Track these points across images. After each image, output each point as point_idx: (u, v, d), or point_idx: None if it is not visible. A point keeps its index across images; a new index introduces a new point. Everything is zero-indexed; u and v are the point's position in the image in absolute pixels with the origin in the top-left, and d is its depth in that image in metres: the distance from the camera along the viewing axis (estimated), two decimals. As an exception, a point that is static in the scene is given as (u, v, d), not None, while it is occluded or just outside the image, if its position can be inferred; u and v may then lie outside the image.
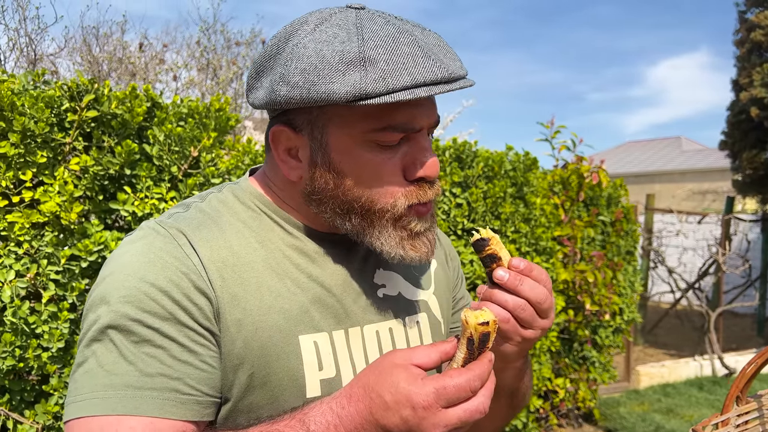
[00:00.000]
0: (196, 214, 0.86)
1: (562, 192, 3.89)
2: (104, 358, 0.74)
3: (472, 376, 0.71)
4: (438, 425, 0.69)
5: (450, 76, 0.78)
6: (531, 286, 0.80)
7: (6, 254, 1.98)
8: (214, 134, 2.37)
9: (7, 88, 1.99)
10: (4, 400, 2.02)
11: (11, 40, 6.49)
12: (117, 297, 0.75)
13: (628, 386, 5.62)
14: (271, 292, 0.83)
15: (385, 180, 0.82)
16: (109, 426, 0.71)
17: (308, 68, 0.78)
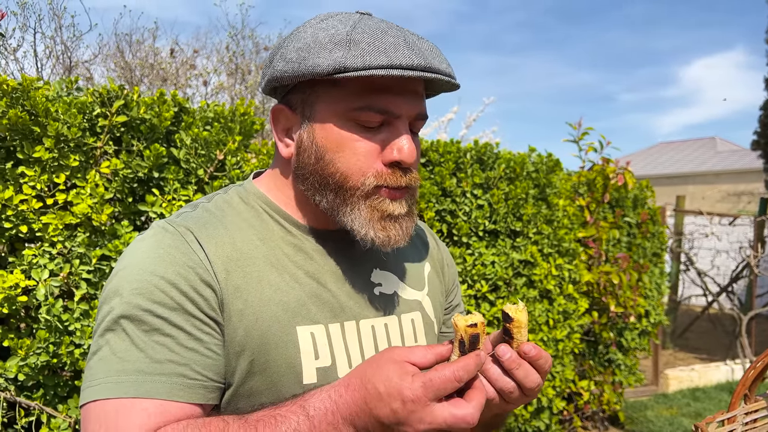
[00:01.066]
0: (203, 213, 0.93)
1: (587, 193, 3.88)
2: (117, 346, 0.80)
3: (457, 367, 0.74)
4: (424, 420, 0.72)
5: (427, 66, 0.84)
6: (526, 372, 0.82)
7: (41, 254, 2.07)
8: (239, 138, 2.43)
9: (42, 95, 2.08)
10: (39, 395, 2.11)
11: (48, 48, 6.70)
12: (129, 289, 0.81)
13: (657, 390, 5.55)
14: (270, 286, 0.89)
15: (360, 158, 0.88)
16: (123, 408, 0.76)
17: (303, 47, 0.87)
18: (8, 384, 2.04)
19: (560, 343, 3.29)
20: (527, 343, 0.82)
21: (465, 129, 9.16)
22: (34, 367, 2.03)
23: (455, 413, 0.73)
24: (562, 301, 3.31)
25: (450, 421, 0.72)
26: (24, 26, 6.63)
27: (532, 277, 3.20)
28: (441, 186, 2.96)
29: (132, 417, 0.76)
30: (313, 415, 0.75)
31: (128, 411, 0.76)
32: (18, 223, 2.03)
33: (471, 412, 0.73)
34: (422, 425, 0.72)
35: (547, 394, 3.22)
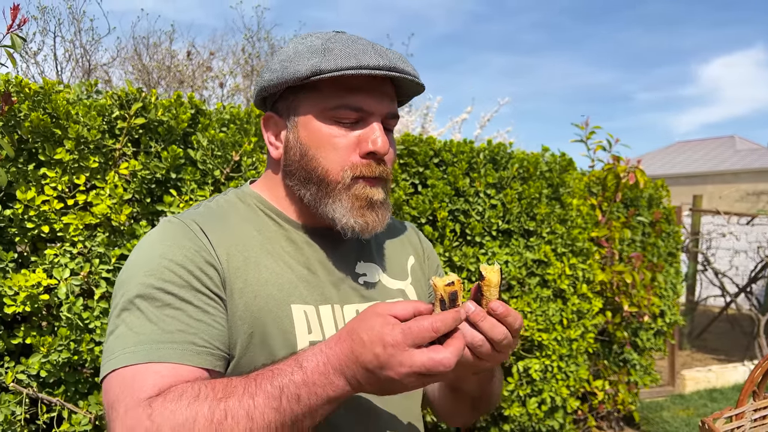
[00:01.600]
0: (206, 210, 1.05)
1: (599, 193, 3.87)
2: (132, 322, 0.89)
3: (435, 319, 0.80)
4: (404, 364, 0.78)
5: (392, 67, 0.97)
6: (492, 325, 0.86)
7: (62, 254, 2.12)
8: (254, 139, 2.47)
9: (63, 98, 2.13)
10: (60, 391, 2.16)
11: (67, 51, 6.81)
12: (142, 272, 0.92)
13: (673, 391, 5.51)
14: (267, 269, 1.00)
15: (339, 152, 1.00)
16: (139, 372, 0.85)
17: (285, 59, 1.01)
18: (31, 380, 2.10)
19: (574, 342, 3.29)
20: (495, 301, 0.87)
21: (479, 129, 9.15)
22: (55, 364, 2.08)
23: (433, 357, 0.78)
24: (575, 300, 3.31)
25: (428, 364, 0.77)
26: (44, 30, 6.75)
27: (546, 277, 3.21)
28: (454, 186, 2.97)
29: (147, 378, 0.84)
30: (306, 367, 0.82)
31: (144, 374, 0.84)
32: (40, 224, 2.08)
33: (448, 356, 0.78)
34: (402, 368, 0.78)
35: (561, 393, 3.23)
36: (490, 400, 1.13)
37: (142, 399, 0.81)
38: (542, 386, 3.19)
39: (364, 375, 0.80)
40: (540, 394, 3.19)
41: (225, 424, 0.77)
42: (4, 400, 2.04)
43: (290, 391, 0.80)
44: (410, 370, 0.78)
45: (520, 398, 3.16)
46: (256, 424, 0.78)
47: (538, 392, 3.19)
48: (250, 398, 0.79)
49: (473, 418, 1.19)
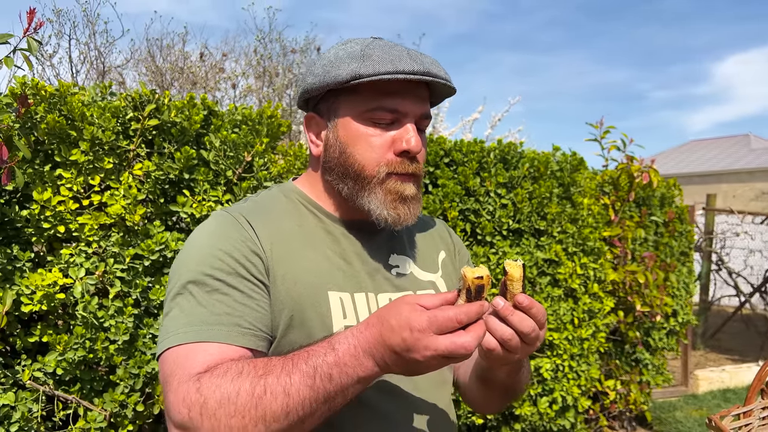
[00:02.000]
0: (252, 204, 1.14)
1: (612, 192, 3.86)
2: (185, 305, 0.99)
3: (460, 311, 0.85)
4: (428, 347, 0.84)
5: (425, 71, 1.05)
6: (520, 318, 0.91)
7: (77, 253, 2.15)
8: (266, 140, 2.49)
9: (78, 100, 2.16)
10: (76, 389, 2.19)
11: (82, 54, 6.88)
12: (194, 261, 1.01)
13: (686, 391, 5.48)
14: (306, 259, 1.08)
15: (374, 150, 1.08)
16: (191, 351, 0.94)
17: (327, 63, 1.10)
18: (47, 378, 2.13)
19: (585, 342, 3.29)
20: (520, 294, 0.91)
21: (490, 129, 9.14)
22: (71, 361, 2.11)
23: (455, 341, 0.84)
24: (587, 300, 3.31)
25: (451, 347, 0.83)
26: (59, 33, 6.82)
27: (557, 276, 3.21)
28: (464, 185, 2.98)
29: (197, 356, 0.93)
30: (338, 349, 0.89)
31: (195, 352, 0.94)
32: (56, 224, 2.12)
33: (469, 341, 0.84)
34: (427, 351, 0.84)
35: (572, 392, 3.22)
36: (518, 388, 1.18)
37: (192, 374, 0.90)
38: (553, 385, 3.19)
39: (392, 357, 0.87)
40: (551, 394, 3.19)
41: (264, 399, 0.86)
42: (21, 397, 2.08)
43: (323, 370, 0.87)
44: (435, 353, 0.84)
45: (531, 397, 3.17)
46: (292, 400, 0.86)
47: (549, 391, 3.19)
48: (287, 376, 0.87)
49: (502, 407, 1.25)
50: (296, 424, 0.88)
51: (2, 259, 2.00)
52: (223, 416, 0.86)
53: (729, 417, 1.08)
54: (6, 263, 2.01)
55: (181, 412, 0.88)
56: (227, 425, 0.86)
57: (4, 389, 2.07)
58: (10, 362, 2.13)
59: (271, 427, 0.86)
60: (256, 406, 0.86)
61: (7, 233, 2.10)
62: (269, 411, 0.86)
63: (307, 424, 0.89)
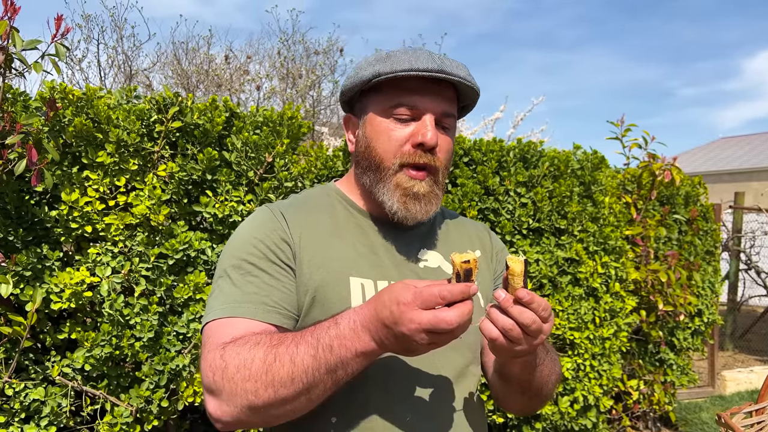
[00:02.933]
0: (292, 200, 1.26)
1: (635, 191, 3.83)
2: (223, 286, 1.12)
3: (443, 288, 0.91)
4: (413, 320, 0.90)
5: (440, 69, 1.10)
6: (520, 310, 0.94)
7: (104, 252, 2.21)
8: (287, 141, 2.53)
9: (104, 103, 2.22)
10: (103, 385, 2.25)
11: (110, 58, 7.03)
12: (235, 247, 1.14)
13: (713, 392, 5.41)
14: (332, 248, 1.17)
15: (392, 143, 1.15)
16: (222, 324, 1.07)
17: (359, 67, 1.20)
18: (75, 374, 2.19)
19: (607, 341, 3.27)
20: (521, 290, 0.95)
21: (512, 128, 9.10)
22: (98, 358, 2.17)
23: (437, 314, 0.89)
24: (608, 299, 3.29)
25: (433, 320, 0.89)
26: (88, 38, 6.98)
27: (578, 275, 3.20)
28: (484, 185, 2.99)
29: (226, 329, 1.05)
30: (340, 323, 0.97)
31: (224, 326, 1.06)
32: (83, 224, 2.18)
33: (450, 315, 0.89)
34: (412, 324, 0.90)
35: (594, 392, 3.21)
36: (541, 388, 1.19)
37: (219, 344, 1.03)
38: (574, 385, 3.18)
39: (383, 330, 0.93)
40: (572, 393, 3.18)
41: (274, 366, 0.96)
42: (51, 392, 2.15)
43: (325, 342, 0.96)
44: (419, 326, 0.89)
45: (552, 397, 3.16)
46: (297, 368, 0.95)
47: (571, 391, 3.18)
48: (295, 346, 0.97)
49: (528, 406, 1.26)
50: (302, 392, 0.97)
51: (32, 258, 2.07)
52: (240, 380, 0.97)
53: (740, 414, 1.08)
54: (36, 262, 2.08)
55: (208, 376, 1.01)
56: (243, 388, 0.97)
57: (34, 384, 2.14)
58: (40, 358, 2.20)
59: (279, 391, 0.96)
60: (266, 372, 0.96)
61: (37, 233, 2.17)
62: (277, 377, 0.96)
63: (314, 395, 0.98)
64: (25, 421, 2.14)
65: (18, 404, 2.09)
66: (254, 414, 0.99)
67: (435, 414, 1.14)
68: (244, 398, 0.97)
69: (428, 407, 1.13)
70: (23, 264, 2.05)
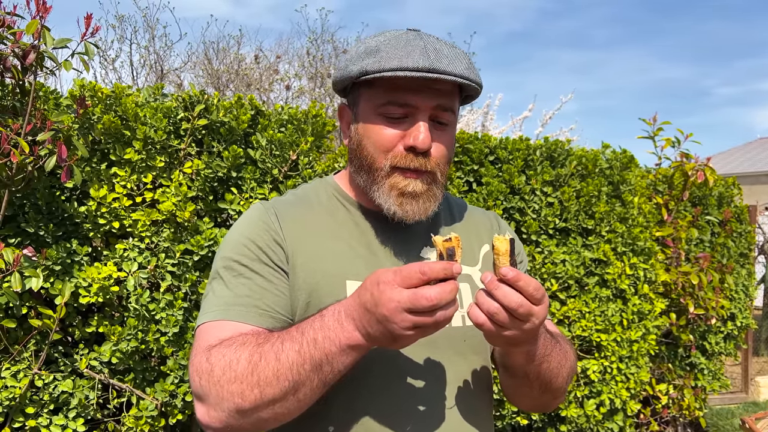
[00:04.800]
0: (290, 197, 1.23)
1: (666, 191, 3.76)
2: (217, 288, 1.09)
3: (424, 264, 0.88)
4: (392, 299, 0.86)
5: (431, 67, 1.02)
6: (504, 293, 0.90)
7: (131, 248, 2.25)
8: (311, 139, 2.54)
9: (132, 101, 2.26)
10: (129, 378, 2.29)
11: (142, 58, 7.15)
12: (228, 248, 1.11)
13: (746, 398, 5.28)
14: (329, 250, 1.13)
15: (385, 144, 1.09)
16: (212, 327, 1.04)
17: (348, 58, 1.13)
18: (102, 367, 2.24)
19: (635, 344, 3.21)
20: (504, 267, 0.91)
21: (541, 127, 9.01)
22: (125, 352, 2.21)
23: (417, 291, 0.86)
24: (636, 301, 3.23)
25: (412, 298, 0.85)
26: (121, 38, 7.11)
27: (605, 276, 3.15)
28: (509, 184, 2.96)
29: (215, 332, 1.02)
30: (324, 315, 0.95)
31: (213, 329, 1.03)
32: (111, 219, 2.22)
33: (431, 293, 0.85)
34: (391, 303, 0.86)
35: (621, 395, 3.16)
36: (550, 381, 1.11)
37: (205, 347, 1.00)
38: (601, 387, 3.13)
39: (366, 316, 0.90)
40: (598, 396, 3.13)
41: (259, 365, 0.93)
42: (78, 384, 2.19)
43: (309, 335, 0.93)
44: (398, 305, 0.86)
45: (577, 399, 3.12)
46: (282, 365, 0.92)
47: (597, 394, 3.13)
48: (280, 343, 0.94)
49: (539, 402, 1.18)
50: (289, 391, 0.93)
51: (62, 253, 2.11)
52: (225, 382, 0.94)
53: (766, 420, 1.05)
54: (65, 257, 2.12)
55: (195, 380, 0.98)
56: (229, 391, 0.94)
57: (63, 377, 2.19)
58: (69, 351, 2.25)
59: (265, 391, 0.93)
60: (252, 372, 0.93)
61: (66, 228, 2.21)
62: (263, 376, 0.93)
63: (302, 394, 0.94)
64: (54, 412, 2.19)
65: (47, 396, 2.14)
66: (243, 417, 0.95)
67: (438, 423, 1.08)
68: (231, 401, 0.94)
69: (430, 415, 1.08)
70: (53, 258, 2.09)
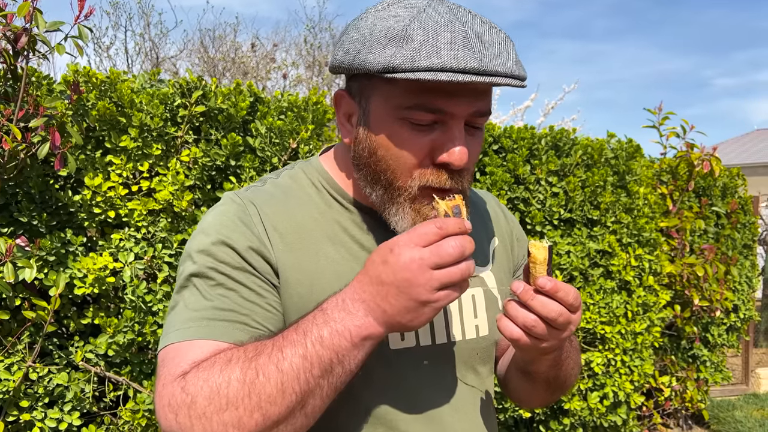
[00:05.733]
0: (270, 188, 1.00)
1: (670, 181, 3.71)
2: (189, 299, 0.89)
3: (437, 220, 0.80)
4: (413, 258, 0.76)
5: (483, 69, 0.80)
6: (543, 303, 0.82)
7: (127, 238, 2.19)
8: (311, 126, 2.48)
9: (127, 87, 2.19)
10: (126, 371, 2.24)
11: (137, 45, 7.06)
12: (197, 251, 0.91)
13: (747, 390, 5.26)
14: (326, 258, 0.95)
15: (408, 158, 0.88)
16: (182, 349, 0.84)
17: (360, 38, 0.87)
18: (98, 360, 2.18)
19: (639, 336, 3.17)
20: (542, 277, 0.82)
21: (542, 117, 8.96)
22: (121, 344, 2.15)
23: (439, 244, 0.77)
24: (641, 293, 3.19)
25: (435, 250, 0.77)
26: (116, 25, 7.02)
27: (610, 268, 3.10)
28: (514, 173, 2.91)
29: (188, 354, 0.83)
30: (326, 307, 0.81)
31: (186, 350, 0.84)
32: (106, 209, 2.16)
33: (453, 243, 0.77)
34: (414, 263, 0.76)
35: (625, 388, 3.12)
36: (565, 381, 1.06)
37: (177, 374, 0.80)
38: (604, 380, 3.09)
39: (381, 290, 0.78)
40: (602, 389, 3.09)
41: (257, 383, 0.76)
42: (74, 377, 2.14)
43: (313, 334, 0.78)
44: (422, 262, 0.76)
45: (580, 392, 3.08)
46: (286, 376, 0.76)
47: (600, 386, 3.10)
48: (279, 351, 0.78)
49: (549, 401, 1.14)
50: (296, 405, 0.77)
51: (56, 243, 2.05)
52: (214, 412, 0.76)
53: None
54: (60, 247, 2.07)
55: (168, 417, 0.78)
56: (220, 422, 0.76)
57: (58, 369, 2.14)
58: (64, 343, 2.19)
59: (269, 412, 0.76)
60: (249, 392, 0.76)
61: (61, 218, 2.15)
62: (264, 394, 0.76)
63: (309, 408, 0.78)
64: (49, 405, 2.14)
65: (42, 389, 2.09)
66: None
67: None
68: None
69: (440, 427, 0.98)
70: (47, 249, 2.03)
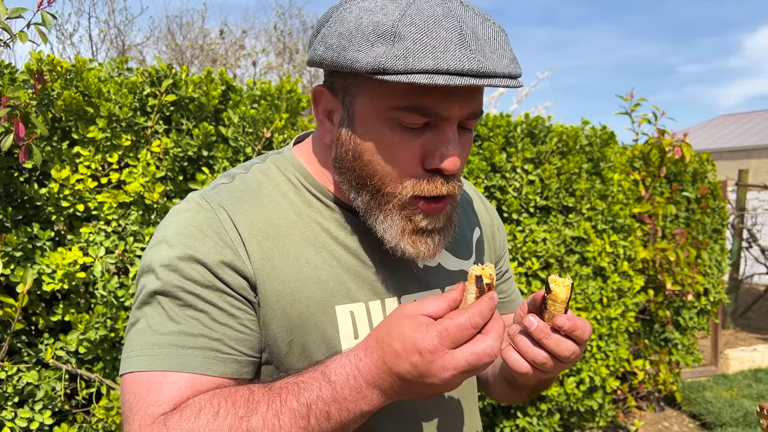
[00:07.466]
0: (239, 185, 0.91)
1: (643, 167, 3.75)
2: (153, 319, 0.81)
3: (472, 313, 0.72)
4: (446, 368, 0.70)
5: (481, 70, 0.75)
6: (557, 341, 0.79)
7: (96, 232, 2.13)
8: (285, 115, 2.43)
9: (95, 76, 2.12)
10: (98, 368, 2.18)
11: (102, 32, 6.87)
12: (162, 265, 0.82)
13: (716, 371, 5.38)
14: (308, 264, 0.87)
15: (399, 163, 0.82)
16: (155, 380, 0.78)
17: (344, 33, 0.79)
18: (69, 357, 2.12)
19: (614, 321, 3.21)
20: (561, 316, 0.78)
21: (516, 104, 9.00)
22: (93, 340, 2.10)
23: (475, 350, 0.71)
24: (616, 278, 3.22)
25: (472, 360, 0.71)
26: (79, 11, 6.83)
27: (585, 254, 3.12)
28: (490, 161, 2.90)
29: (163, 389, 0.77)
30: (335, 381, 0.74)
31: (160, 383, 0.77)
32: (75, 202, 2.09)
33: (491, 344, 0.71)
34: (446, 372, 0.71)
35: (600, 373, 3.16)
36: (545, 385, 1.05)
37: (156, 415, 0.75)
38: (581, 365, 3.12)
39: (403, 385, 0.73)
40: (578, 374, 3.12)
41: None
42: (44, 375, 2.08)
43: (319, 408, 0.73)
44: (455, 372, 0.71)
45: (557, 378, 3.11)
46: None
47: (577, 372, 3.13)
48: (275, 417, 0.73)
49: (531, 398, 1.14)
50: None
51: (23, 237, 1.98)
52: None
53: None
54: (26, 242, 2.00)
55: None
56: None
57: (27, 368, 2.07)
58: (33, 341, 2.13)
59: None
60: None
61: (27, 212, 2.08)
62: None
63: None
64: (19, 405, 2.08)
65: (11, 388, 2.02)
66: None
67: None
68: None
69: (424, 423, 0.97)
70: (13, 244, 1.96)
